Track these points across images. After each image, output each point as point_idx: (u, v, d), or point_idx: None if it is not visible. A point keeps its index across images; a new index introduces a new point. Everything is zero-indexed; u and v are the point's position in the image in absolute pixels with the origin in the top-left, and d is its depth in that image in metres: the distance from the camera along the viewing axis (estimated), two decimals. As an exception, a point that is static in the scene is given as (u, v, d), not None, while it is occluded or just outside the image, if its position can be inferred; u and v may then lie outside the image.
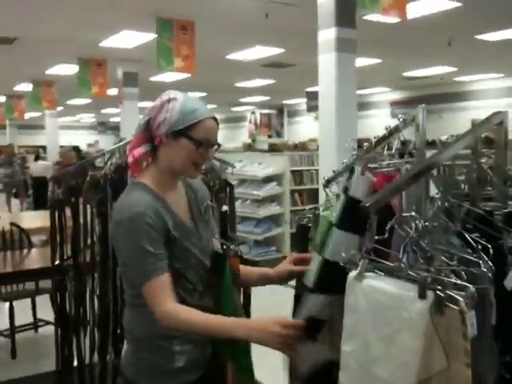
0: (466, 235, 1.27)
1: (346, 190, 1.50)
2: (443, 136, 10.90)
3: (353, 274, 1.25)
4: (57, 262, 3.00)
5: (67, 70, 10.71)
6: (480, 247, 1.26)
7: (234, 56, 9.76)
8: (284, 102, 18.81)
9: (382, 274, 1.22)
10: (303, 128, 18.08)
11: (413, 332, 1.13)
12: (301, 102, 17.04)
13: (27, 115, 16.95)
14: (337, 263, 1.36)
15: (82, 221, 2.75)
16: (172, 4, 6.62)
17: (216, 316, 1.60)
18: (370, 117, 15.46)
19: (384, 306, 1.18)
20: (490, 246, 1.21)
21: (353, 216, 1.39)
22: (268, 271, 1.88)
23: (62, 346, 2.97)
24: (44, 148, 16.88)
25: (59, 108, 16.42)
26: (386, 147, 1.69)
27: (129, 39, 8.38)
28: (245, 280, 1.85)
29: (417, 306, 1.12)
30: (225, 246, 1.77)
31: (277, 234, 7.36)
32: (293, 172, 7.78)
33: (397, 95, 15.54)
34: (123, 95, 10.36)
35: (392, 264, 1.20)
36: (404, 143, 1.64)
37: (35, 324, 4.92)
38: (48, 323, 4.62)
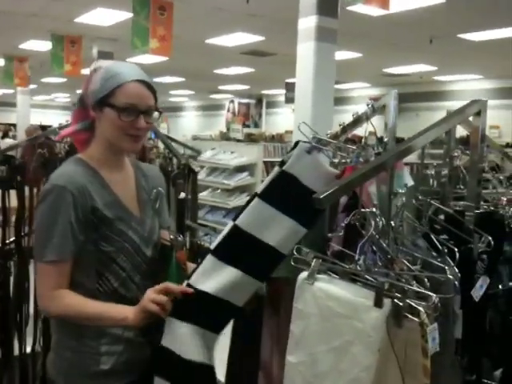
0: (433, 237, 1.14)
1: (282, 163, 1.34)
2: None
3: (303, 275, 1.10)
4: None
5: (41, 46, 10.35)
6: (447, 251, 1.13)
7: (214, 41, 9.53)
8: (263, 92, 18.62)
9: (337, 276, 1.07)
10: (281, 119, 17.92)
11: (366, 345, 0.98)
12: (280, 93, 16.84)
13: (1, 91, 16.45)
14: (249, 235, 1.23)
15: (27, 203, 2.55)
16: (150, -18, 6.39)
17: (101, 304, 1.49)
18: (348, 112, 15.28)
19: (335, 313, 1.03)
20: (457, 250, 1.07)
21: (280, 192, 1.25)
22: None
23: (1, 335, 2.78)
24: (14, 126, 16.41)
25: (33, 86, 15.97)
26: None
27: (105, 17, 8.09)
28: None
29: (372, 315, 0.97)
30: (172, 237, 1.62)
31: (246, 225, 7.19)
32: (266, 163, 7.61)
33: (376, 91, 15.48)
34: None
35: (347, 266, 1.05)
36: (381, 140, 1.49)
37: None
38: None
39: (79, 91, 1.69)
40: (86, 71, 10.56)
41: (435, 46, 8.67)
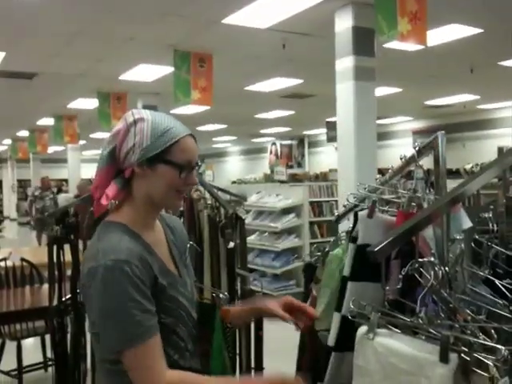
0: (498, 283, 1.09)
1: (353, 239, 1.33)
2: (467, 164, 10.64)
3: (362, 329, 1.07)
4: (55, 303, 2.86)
5: (88, 104, 10.80)
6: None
7: (253, 87, 9.71)
8: (305, 132, 18.74)
9: (398, 331, 1.03)
10: (324, 158, 17.93)
11: (434, 403, 0.94)
12: (322, 133, 16.94)
13: (51, 149, 17.15)
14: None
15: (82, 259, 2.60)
16: (189, 37, 6.61)
17: (210, 378, 1.38)
18: (392, 146, 15.24)
19: (399, 370, 0.99)
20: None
21: (365, 264, 1.21)
22: (253, 305, 1.60)
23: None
24: (66, 181, 17.01)
25: (82, 141, 16.61)
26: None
27: (147, 72, 8.40)
28: (238, 322, 1.63)
29: (438, 371, 0.93)
30: (215, 295, 1.53)
31: (296, 268, 7.13)
32: (312, 203, 7.58)
33: (419, 124, 15.33)
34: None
35: (408, 319, 1.01)
36: (428, 172, 1.46)
37: (45, 363, 4.76)
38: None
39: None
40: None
41: (476, 75, 8.56)
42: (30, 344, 5.17)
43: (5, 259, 4.92)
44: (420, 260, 1.03)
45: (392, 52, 6.78)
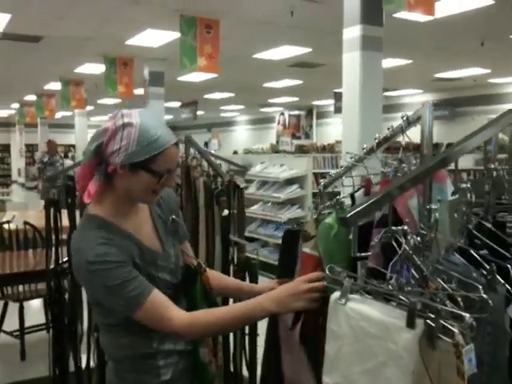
0: (472, 251, 1.10)
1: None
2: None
3: (336, 294, 1.09)
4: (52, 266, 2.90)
5: (95, 68, 10.75)
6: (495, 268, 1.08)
7: (261, 55, 9.62)
8: (313, 102, 18.58)
9: (370, 297, 1.05)
10: (332, 129, 17.81)
11: (399, 367, 0.96)
12: (330, 104, 16.80)
13: (59, 114, 17.15)
14: None
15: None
16: (196, 2, 6.53)
17: (232, 305, 1.54)
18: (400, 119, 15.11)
19: (368, 334, 1.01)
20: (495, 266, 1.03)
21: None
22: (243, 285, 1.81)
23: (57, 351, 2.87)
24: (74, 147, 17.06)
25: (90, 107, 16.57)
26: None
27: (154, 38, 8.33)
28: (222, 292, 1.81)
29: (404, 336, 0.95)
30: (197, 263, 1.66)
31: (298, 238, 7.15)
32: (316, 174, 7.57)
33: (428, 97, 15.15)
34: (149, 95, 10.32)
35: (379, 285, 1.03)
36: (436, 146, 1.46)
37: (47, 325, 4.85)
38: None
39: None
40: (138, 91, 10.90)
41: (487, 49, 8.43)
42: (33, 306, 5.27)
43: (8, 222, 4.99)
44: (393, 228, 1.04)
45: (402, 22, 6.68)
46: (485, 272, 1.03)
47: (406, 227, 1.03)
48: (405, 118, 1.38)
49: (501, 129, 1.35)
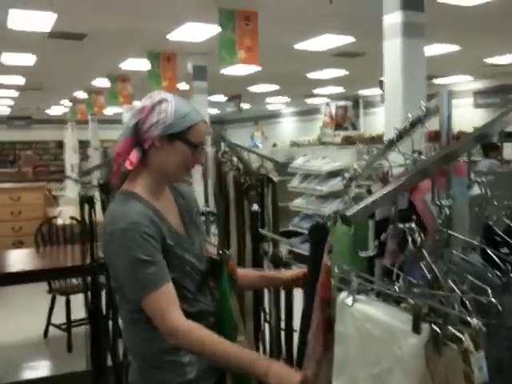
0: (489, 251, 1.02)
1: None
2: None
3: (343, 295, 1.04)
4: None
5: (139, 65, 10.89)
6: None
7: (302, 46, 9.50)
8: (360, 91, 18.23)
9: (376, 298, 0.99)
10: (380, 119, 17.43)
11: (405, 374, 0.90)
12: (377, 93, 16.45)
13: (110, 110, 17.49)
14: None
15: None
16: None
17: (232, 344, 1.50)
18: (452, 107, 14.62)
19: (374, 338, 0.96)
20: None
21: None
22: (267, 272, 1.93)
23: (95, 346, 2.92)
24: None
25: (137, 102, 16.85)
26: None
27: (196, 32, 8.34)
28: (244, 282, 1.83)
29: (410, 341, 0.89)
30: (221, 252, 1.71)
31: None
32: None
33: (480, 84, 14.61)
34: (193, 89, 10.39)
35: (387, 286, 0.97)
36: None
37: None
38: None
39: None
40: (181, 86, 10.99)
41: (541, 31, 8.03)
42: (80, 299, 5.39)
43: (55, 217, 5.14)
44: (400, 225, 0.98)
45: (447, 7, 6.43)
46: (499, 273, 0.96)
47: (413, 225, 0.97)
48: (423, 108, 1.31)
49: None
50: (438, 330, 0.86)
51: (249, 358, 1.45)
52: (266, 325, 2.83)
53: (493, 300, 0.86)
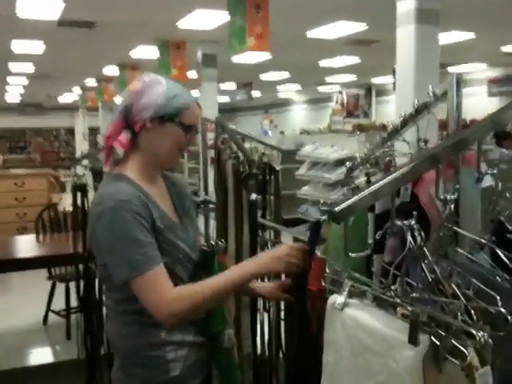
0: (499, 251, 0.91)
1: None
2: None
3: (332, 298, 0.93)
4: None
5: (149, 53, 10.78)
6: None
7: (314, 33, 9.32)
8: (372, 79, 17.99)
9: (369, 302, 0.89)
10: (392, 107, 17.18)
11: (400, 390, 0.80)
12: (390, 81, 16.22)
13: (120, 98, 17.45)
14: None
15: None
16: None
17: (217, 275, 1.51)
18: (465, 96, 14.37)
19: (366, 347, 0.85)
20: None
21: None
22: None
23: (86, 334, 2.85)
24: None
25: (147, 91, 16.75)
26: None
27: (206, 20, 8.20)
28: None
29: (406, 353, 0.78)
30: (213, 243, 1.65)
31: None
32: (369, 155, 7.28)
33: (496, 72, 14.33)
34: (202, 77, 10.27)
35: (380, 290, 0.86)
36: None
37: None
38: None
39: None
40: (191, 74, 10.87)
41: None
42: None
43: (55, 204, 5.07)
44: (398, 223, 0.87)
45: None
46: (507, 276, 0.84)
47: (412, 222, 0.86)
48: (431, 93, 1.19)
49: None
50: (437, 342, 0.75)
51: (239, 269, 1.50)
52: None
53: (502, 310, 0.75)
